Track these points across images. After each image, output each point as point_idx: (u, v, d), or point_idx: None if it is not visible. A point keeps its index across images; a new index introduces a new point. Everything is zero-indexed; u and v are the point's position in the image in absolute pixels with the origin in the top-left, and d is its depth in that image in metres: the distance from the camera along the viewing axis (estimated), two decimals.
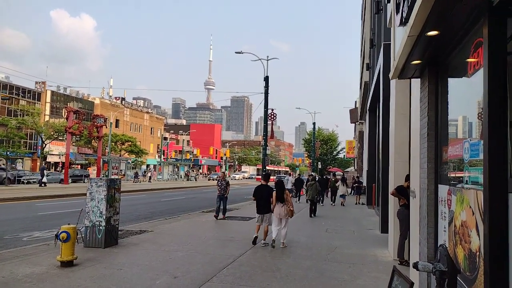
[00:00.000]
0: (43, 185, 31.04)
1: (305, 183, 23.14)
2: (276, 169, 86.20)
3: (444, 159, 4.47)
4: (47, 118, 57.14)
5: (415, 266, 3.26)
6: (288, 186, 23.55)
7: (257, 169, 75.25)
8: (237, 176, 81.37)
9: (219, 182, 14.75)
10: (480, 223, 3.17)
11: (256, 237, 9.55)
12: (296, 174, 45.17)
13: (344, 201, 22.23)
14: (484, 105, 3.03)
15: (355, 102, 40.50)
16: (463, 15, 3.29)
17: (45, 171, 34.15)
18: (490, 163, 2.95)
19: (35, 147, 56.81)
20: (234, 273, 6.86)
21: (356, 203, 23.03)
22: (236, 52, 27.85)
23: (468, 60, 3.64)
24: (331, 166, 60.27)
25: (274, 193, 9.64)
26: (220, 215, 14.31)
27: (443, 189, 4.41)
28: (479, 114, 3.38)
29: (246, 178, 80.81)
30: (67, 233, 6.96)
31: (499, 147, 2.93)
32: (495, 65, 2.95)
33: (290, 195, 10.20)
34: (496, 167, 2.93)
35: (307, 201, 17.54)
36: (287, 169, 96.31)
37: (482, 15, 3.09)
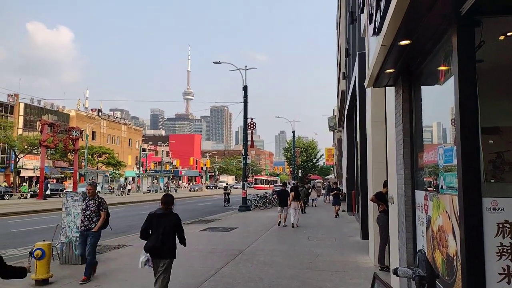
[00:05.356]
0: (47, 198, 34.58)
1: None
2: (269, 179, 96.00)
3: (420, 165, 4.55)
4: (20, 131, 55.48)
5: (395, 272, 3.28)
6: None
7: (255, 179, 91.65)
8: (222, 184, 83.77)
9: (86, 201, 7.47)
10: (456, 228, 3.23)
11: (280, 221, 15.45)
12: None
13: (314, 203, 27.94)
14: (456, 112, 3.11)
15: (333, 110, 41.09)
16: (433, 25, 3.39)
17: (48, 184, 36.93)
18: (464, 168, 3.02)
19: (8, 161, 54.96)
20: (216, 286, 6.76)
21: (335, 216, 19.22)
22: (214, 62, 27.95)
23: (440, 68, 3.74)
24: (311, 174, 60.68)
25: (292, 194, 15.56)
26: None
27: (419, 195, 4.49)
28: (453, 120, 3.47)
29: (220, 188, 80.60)
30: (41, 250, 6.73)
31: (472, 152, 3.00)
32: (465, 72, 3.04)
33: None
34: (469, 172, 3.00)
35: None
36: (274, 178, 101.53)
37: (451, 25, 3.19)
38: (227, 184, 25.29)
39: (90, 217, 7.31)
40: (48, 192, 36.67)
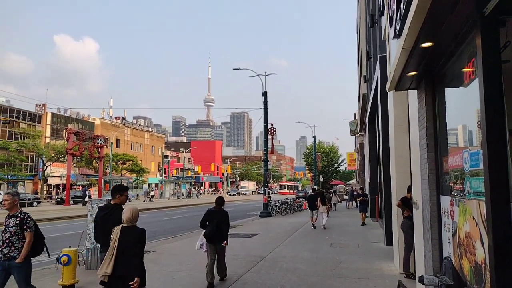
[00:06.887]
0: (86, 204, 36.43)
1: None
2: (293, 184, 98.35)
3: (445, 169, 4.43)
4: (47, 140, 57.26)
5: (421, 280, 3.20)
6: None
7: (280, 185, 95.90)
8: (244, 190, 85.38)
9: (6, 220, 5.24)
10: (484, 234, 3.12)
11: (313, 224, 17.09)
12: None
13: (335, 207, 28.45)
14: (482, 114, 3.02)
15: (354, 114, 40.63)
16: (456, 26, 3.31)
17: (86, 192, 39.12)
18: (491, 172, 2.92)
19: (36, 169, 56.76)
20: None
21: (362, 224, 18.36)
22: (234, 69, 28.08)
23: (464, 70, 3.64)
24: (333, 179, 59.97)
25: (319, 199, 17.63)
26: None
27: (445, 200, 4.37)
28: (478, 123, 3.37)
29: (244, 194, 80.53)
30: (68, 256, 6.88)
31: (499, 155, 2.90)
32: (491, 74, 2.95)
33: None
34: (497, 176, 2.90)
35: None
36: (297, 184, 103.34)
37: (475, 25, 3.11)
38: (269, 189, 27.87)
39: (10, 242, 5.02)
40: (86, 199, 36.86)
